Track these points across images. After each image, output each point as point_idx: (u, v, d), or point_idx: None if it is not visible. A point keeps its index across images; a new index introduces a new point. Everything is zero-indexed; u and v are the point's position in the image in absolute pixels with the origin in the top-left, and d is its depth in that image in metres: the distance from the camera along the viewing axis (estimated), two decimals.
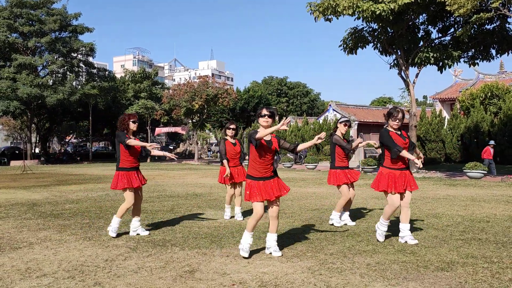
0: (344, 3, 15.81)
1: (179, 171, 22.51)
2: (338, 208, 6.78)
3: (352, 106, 42.37)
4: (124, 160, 6.10)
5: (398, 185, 5.51)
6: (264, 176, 4.99)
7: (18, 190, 12.80)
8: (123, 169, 6.07)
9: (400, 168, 5.56)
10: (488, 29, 17.37)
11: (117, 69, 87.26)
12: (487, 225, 6.74)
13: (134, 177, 6.11)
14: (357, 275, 4.27)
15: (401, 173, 5.55)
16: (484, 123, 24.84)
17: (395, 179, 5.52)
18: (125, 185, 6.01)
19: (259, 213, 4.95)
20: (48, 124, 43.28)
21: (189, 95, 33.40)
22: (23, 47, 33.36)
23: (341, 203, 6.75)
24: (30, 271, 4.50)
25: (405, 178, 5.55)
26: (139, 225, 6.27)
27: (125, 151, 6.06)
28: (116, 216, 6.10)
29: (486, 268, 4.45)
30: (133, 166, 6.15)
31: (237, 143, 7.32)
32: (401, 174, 5.55)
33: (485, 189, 12.19)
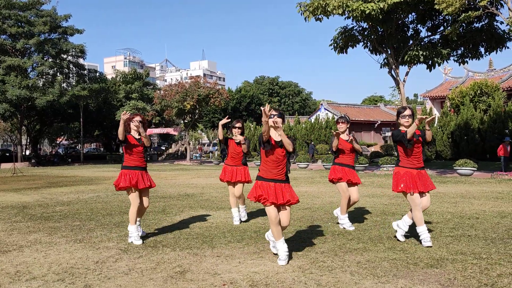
0: (334, 2, 15.87)
1: (171, 172, 22.45)
2: (342, 210, 6.48)
3: (343, 105, 42.53)
4: (127, 158, 5.95)
5: (417, 184, 5.35)
6: (275, 179, 4.78)
7: (8, 193, 12.69)
8: (126, 167, 5.91)
9: (417, 168, 5.43)
10: (477, 28, 17.53)
11: (108, 70, 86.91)
12: (477, 222, 6.80)
13: (138, 177, 5.87)
14: (347, 273, 4.30)
15: (418, 172, 5.42)
16: (474, 120, 25.03)
17: (413, 178, 5.38)
18: (126, 184, 5.80)
19: (271, 217, 4.71)
20: (39, 126, 42.96)
21: (180, 95, 33.32)
22: (12, 48, 33.09)
23: (342, 203, 6.47)
24: (19, 274, 4.47)
25: (422, 178, 5.41)
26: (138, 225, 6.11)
27: (126, 149, 5.92)
28: (130, 224, 5.89)
29: (475, 264, 4.49)
30: (137, 166, 5.92)
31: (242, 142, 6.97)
32: (418, 173, 5.42)
33: (475, 186, 12.29)
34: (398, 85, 19.03)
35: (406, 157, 5.45)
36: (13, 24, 32.94)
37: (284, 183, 4.81)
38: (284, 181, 4.81)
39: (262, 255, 5.00)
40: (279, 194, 4.73)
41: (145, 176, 6.02)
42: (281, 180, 4.79)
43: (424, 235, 5.31)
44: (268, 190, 4.73)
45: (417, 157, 5.42)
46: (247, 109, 57.73)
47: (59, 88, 33.08)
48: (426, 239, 5.29)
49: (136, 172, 5.90)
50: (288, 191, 4.79)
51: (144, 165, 6.05)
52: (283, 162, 4.79)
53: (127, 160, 5.94)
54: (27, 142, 43.26)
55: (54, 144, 56.22)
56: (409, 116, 5.44)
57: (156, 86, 49.44)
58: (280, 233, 4.75)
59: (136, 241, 5.74)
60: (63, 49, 34.33)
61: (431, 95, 35.34)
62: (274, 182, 4.76)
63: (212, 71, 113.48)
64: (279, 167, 4.78)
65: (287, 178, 4.84)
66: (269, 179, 4.78)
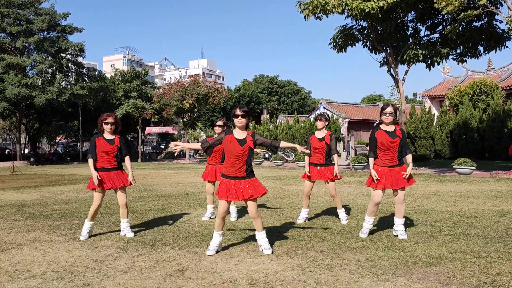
0: (334, 1, 15.85)
1: (170, 170, 22.44)
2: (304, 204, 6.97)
3: (342, 103, 42.52)
4: (98, 159, 5.95)
5: (384, 182, 5.53)
6: (236, 176, 4.95)
7: (7, 191, 12.68)
8: (95, 169, 5.93)
9: (389, 166, 5.57)
10: (476, 27, 17.52)
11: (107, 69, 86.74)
12: (476, 220, 6.81)
13: (105, 178, 5.86)
14: (346, 271, 4.30)
15: (389, 170, 5.56)
16: (473, 119, 25.05)
17: (381, 176, 5.56)
18: (90, 186, 5.89)
19: (220, 211, 5.02)
20: (37, 124, 42.89)
21: (179, 94, 33.29)
22: (11, 47, 33.00)
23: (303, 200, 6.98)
24: (18, 272, 4.47)
25: (394, 175, 5.55)
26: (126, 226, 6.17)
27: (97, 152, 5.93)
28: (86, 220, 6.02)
29: (474, 263, 4.50)
30: (103, 167, 5.91)
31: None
32: (390, 171, 5.56)
33: (474, 185, 12.30)
34: (397, 84, 19.02)
35: (379, 156, 5.65)
36: (12, 22, 32.85)
37: (246, 179, 4.97)
38: (245, 177, 4.97)
39: (261, 254, 5.00)
40: (239, 192, 4.92)
41: (116, 176, 5.97)
42: (242, 177, 4.96)
43: (364, 227, 5.83)
44: (228, 187, 4.96)
45: (390, 156, 5.57)
46: None
47: (58, 87, 33.01)
48: (363, 231, 5.81)
49: (103, 173, 5.90)
50: (249, 186, 4.95)
51: (115, 165, 5.99)
52: (243, 159, 4.94)
53: (98, 162, 5.93)
54: (26, 140, 43.21)
55: (53, 142, 56.15)
56: (389, 113, 5.55)
57: (155, 84, 49.37)
58: (218, 224, 5.05)
59: (83, 236, 5.93)
60: (62, 48, 34.25)
61: (430, 94, 35.35)
62: (234, 180, 4.96)
63: (211, 70, 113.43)
64: (240, 165, 4.94)
65: (248, 174, 4.99)
66: (230, 176, 4.98)
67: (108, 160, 5.93)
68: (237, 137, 4.96)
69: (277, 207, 8.58)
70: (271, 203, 9.26)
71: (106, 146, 5.89)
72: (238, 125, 4.98)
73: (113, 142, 5.94)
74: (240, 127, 4.99)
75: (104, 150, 5.89)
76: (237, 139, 4.94)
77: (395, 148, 5.53)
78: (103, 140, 5.92)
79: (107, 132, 5.97)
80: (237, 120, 4.96)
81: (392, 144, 5.51)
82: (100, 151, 5.90)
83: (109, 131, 5.96)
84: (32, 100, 32.41)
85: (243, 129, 5.03)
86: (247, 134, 4.99)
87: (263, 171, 20.12)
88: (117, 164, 6.03)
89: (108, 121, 5.93)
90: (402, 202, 5.62)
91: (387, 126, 5.61)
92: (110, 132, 5.98)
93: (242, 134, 4.99)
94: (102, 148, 5.89)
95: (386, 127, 5.62)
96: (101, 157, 5.93)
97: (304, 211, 7.00)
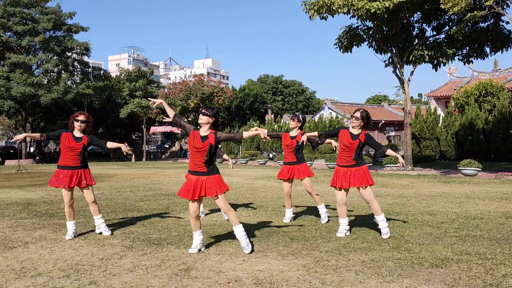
0: (339, 1, 15.82)
1: (174, 170, 22.49)
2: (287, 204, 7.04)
3: (347, 104, 42.46)
4: (61, 157, 5.96)
5: (341, 181, 5.81)
6: (197, 171, 5.06)
7: (13, 190, 12.74)
8: (58, 166, 5.96)
9: (345, 166, 5.82)
10: (482, 27, 17.44)
11: (112, 68, 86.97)
12: (481, 222, 6.78)
13: (66, 176, 5.85)
14: (352, 272, 4.30)
15: (346, 170, 5.81)
16: (479, 120, 24.94)
17: (338, 175, 5.84)
18: (52, 184, 5.89)
19: (190, 210, 5.11)
20: (43, 123, 43.09)
21: (184, 93, 33.35)
22: (17, 46, 33.16)
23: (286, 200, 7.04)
24: (25, 270, 4.49)
25: (349, 175, 5.77)
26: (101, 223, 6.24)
27: (62, 147, 5.94)
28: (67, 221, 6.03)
29: (480, 265, 4.48)
30: (67, 165, 5.90)
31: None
32: (346, 170, 5.80)
33: (479, 186, 12.25)
34: (402, 85, 18.96)
35: (339, 155, 5.95)
36: (18, 22, 33.02)
37: (206, 175, 5.05)
38: (206, 174, 5.05)
39: (267, 254, 5.00)
40: (196, 188, 5.01)
41: (79, 174, 5.96)
42: (202, 173, 5.05)
43: (342, 227, 5.94)
44: (189, 184, 5.06)
45: (347, 156, 5.80)
46: (251, 108, 57.73)
47: (64, 86, 33.14)
48: (341, 230, 5.92)
49: (67, 171, 5.88)
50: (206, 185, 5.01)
51: (78, 164, 5.96)
52: (203, 157, 5.01)
53: (61, 159, 5.94)
54: (32, 139, 43.41)
55: (58, 141, 56.38)
56: (356, 118, 5.81)
57: (160, 84, 49.46)
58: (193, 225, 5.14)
59: (68, 236, 5.92)
60: (68, 47, 34.40)
61: (436, 95, 35.23)
62: (196, 175, 5.06)
63: (216, 70, 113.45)
64: (200, 161, 5.04)
65: (211, 171, 5.06)
66: (192, 171, 5.10)
67: (72, 158, 5.90)
68: (201, 134, 5.11)
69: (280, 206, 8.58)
70: (275, 203, 9.26)
71: (72, 142, 5.88)
72: (199, 121, 5.14)
73: (80, 140, 5.92)
74: (201, 123, 5.14)
75: (69, 146, 5.87)
76: (200, 135, 5.09)
77: (352, 149, 5.76)
78: (71, 137, 5.90)
79: (77, 130, 5.95)
80: (199, 117, 5.14)
81: (350, 145, 5.76)
82: (65, 147, 5.88)
83: (79, 129, 5.94)
84: (37, 98, 32.57)
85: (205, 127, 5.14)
86: (210, 132, 5.11)
87: (267, 171, 20.13)
88: (81, 162, 5.98)
89: (79, 119, 5.93)
90: (369, 201, 5.79)
91: (354, 129, 5.84)
92: (80, 130, 5.96)
93: (205, 131, 5.12)
94: (68, 144, 5.86)
95: (352, 130, 5.85)
96: (65, 154, 5.91)
97: (288, 211, 7.07)
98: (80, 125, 5.93)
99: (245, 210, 8.27)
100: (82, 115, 6.00)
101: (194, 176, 5.08)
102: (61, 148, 5.94)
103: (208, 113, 5.11)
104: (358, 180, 5.72)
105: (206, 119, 5.10)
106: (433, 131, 26.84)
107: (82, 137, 5.96)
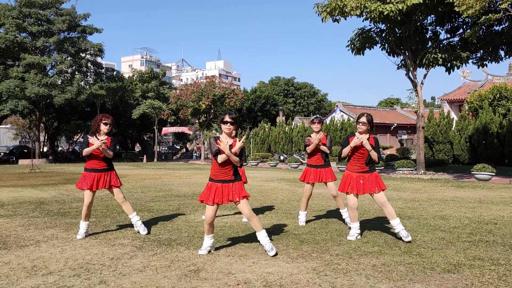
0: (352, 3, 15.75)
1: (185, 171, 22.56)
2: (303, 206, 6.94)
3: (359, 106, 42.25)
4: (87, 160, 6.07)
5: (352, 187, 5.77)
6: (223, 179, 5.02)
7: (26, 189, 12.89)
8: (85, 169, 6.07)
9: (358, 172, 5.79)
10: (497, 30, 17.23)
11: (125, 69, 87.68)
12: (495, 227, 6.68)
13: (92, 179, 5.96)
14: (362, 276, 4.25)
15: (358, 176, 5.78)
16: (493, 124, 24.63)
17: (350, 180, 5.82)
18: (78, 186, 6.01)
19: (208, 216, 5.06)
20: (56, 123, 43.55)
21: (196, 95, 33.47)
22: (32, 46, 33.59)
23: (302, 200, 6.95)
24: (36, 269, 4.53)
25: (362, 182, 5.74)
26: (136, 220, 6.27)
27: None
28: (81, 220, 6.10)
29: (493, 270, 4.41)
30: (94, 168, 6.02)
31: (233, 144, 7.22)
32: (359, 177, 5.77)
33: (493, 191, 12.09)
34: (415, 88, 18.80)
35: (350, 161, 5.88)
36: (33, 23, 33.46)
37: (233, 182, 5.06)
38: (233, 181, 5.05)
39: (276, 256, 4.98)
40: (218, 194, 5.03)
41: (105, 177, 6.08)
42: (229, 180, 5.05)
43: (353, 231, 5.88)
44: (214, 191, 5.04)
45: (360, 162, 5.77)
46: (262, 110, 57.73)
47: (77, 87, 33.50)
48: (352, 234, 5.86)
49: (92, 174, 6.00)
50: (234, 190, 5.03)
51: (105, 167, 6.08)
52: (230, 164, 5.02)
53: (87, 162, 6.06)
54: (45, 139, 43.89)
55: (71, 141, 56.92)
56: (362, 123, 5.76)
57: (172, 85, 49.73)
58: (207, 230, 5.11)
59: (80, 235, 5.98)
60: (82, 48, 34.77)
61: (449, 98, 34.89)
62: (222, 183, 5.04)
63: (228, 71, 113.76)
64: (227, 169, 5.03)
65: (235, 178, 5.09)
66: (217, 180, 5.07)
67: (98, 161, 6.02)
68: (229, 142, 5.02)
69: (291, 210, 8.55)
70: (286, 205, 9.23)
71: None
72: (226, 131, 5.02)
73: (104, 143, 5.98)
74: (227, 133, 5.04)
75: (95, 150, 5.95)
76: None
77: (365, 155, 5.73)
78: (96, 140, 5.95)
79: (103, 133, 6.03)
80: (225, 127, 5.00)
81: (363, 151, 5.72)
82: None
83: (105, 131, 6.03)
84: (51, 99, 32.94)
85: (230, 136, 5.08)
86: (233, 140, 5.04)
87: (278, 173, 20.09)
88: (107, 165, 6.10)
89: (107, 122, 6.02)
90: (384, 204, 5.73)
91: (361, 135, 5.78)
92: (105, 133, 6.06)
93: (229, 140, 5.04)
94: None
95: (360, 136, 5.77)
96: (91, 157, 6.01)
97: (303, 214, 7.00)
98: (107, 128, 6.05)
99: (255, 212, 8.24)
100: (109, 118, 6.12)
101: (218, 184, 5.04)
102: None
103: (234, 121, 5.02)
104: (371, 187, 5.70)
105: (234, 128, 5.05)
106: (446, 135, 26.58)
107: (105, 140, 6.03)
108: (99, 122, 6.04)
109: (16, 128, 48.39)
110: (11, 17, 32.85)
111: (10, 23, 32.35)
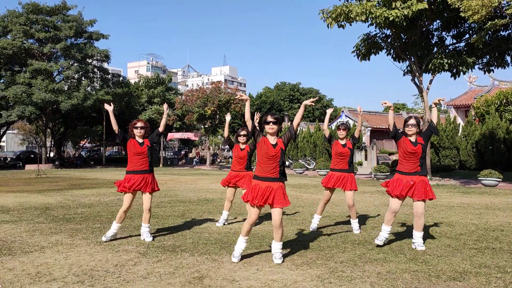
0: (357, 9, 15.77)
1: (191, 176, 22.57)
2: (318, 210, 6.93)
3: (365, 112, 42.13)
4: (128, 162, 6.22)
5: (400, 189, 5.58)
6: (269, 177, 4.95)
7: (32, 194, 12.94)
8: (126, 172, 6.19)
9: (411, 173, 5.60)
10: (503, 36, 17.18)
11: (131, 75, 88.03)
12: (501, 234, 6.62)
13: (133, 181, 6.06)
14: (367, 284, 4.22)
15: (408, 179, 5.60)
16: (500, 130, 24.48)
17: (399, 184, 5.63)
18: (119, 189, 6.10)
19: (252, 218, 4.98)
20: (63, 128, 43.75)
21: (201, 100, 33.52)
22: (39, 53, 33.83)
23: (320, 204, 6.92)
24: (40, 275, 4.53)
25: (413, 185, 5.55)
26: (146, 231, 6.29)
27: (129, 154, 6.18)
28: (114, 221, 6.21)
29: (500, 278, 4.36)
30: (134, 170, 6.13)
31: (246, 148, 7.30)
32: (409, 180, 5.59)
33: (500, 197, 11.99)
34: (421, 93, 18.74)
35: (401, 163, 5.72)
36: (40, 29, 33.71)
37: (278, 181, 4.97)
38: (278, 180, 4.97)
39: (281, 263, 4.95)
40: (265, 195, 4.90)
41: (146, 180, 6.17)
42: (275, 179, 4.96)
43: (383, 234, 5.71)
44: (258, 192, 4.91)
45: (412, 162, 5.61)
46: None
47: (84, 92, 33.65)
48: (379, 238, 5.71)
49: (133, 176, 6.11)
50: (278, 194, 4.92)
51: (147, 168, 6.19)
52: (276, 163, 4.94)
53: (128, 164, 6.21)
54: (51, 144, 44.11)
55: (77, 146, 57.19)
56: (412, 125, 5.67)
57: (178, 91, 49.86)
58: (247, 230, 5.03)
59: (106, 237, 6.08)
60: (89, 54, 34.96)
61: (455, 104, 34.74)
62: (267, 181, 4.94)
63: (233, 77, 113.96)
64: (273, 167, 4.94)
65: (281, 177, 5.00)
66: (262, 177, 4.96)
67: (141, 162, 6.15)
68: (271, 142, 5.00)
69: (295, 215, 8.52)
70: (290, 211, 9.20)
71: (138, 148, 6.13)
72: (270, 131, 5.00)
73: (143, 144, 6.19)
74: (271, 133, 5.01)
75: (136, 152, 6.13)
76: (271, 143, 4.99)
77: (417, 155, 5.57)
78: (136, 143, 6.17)
79: (138, 137, 6.22)
80: (268, 127, 4.99)
81: (413, 151, 5.57)
82: (132, 153, 6.15)
83: (139, 135, 6.22)
84: (58, 105, 33.10)
85: (274, 135, 5.04)
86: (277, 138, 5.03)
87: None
88: (149, 167, 6.23)
89: (138, 126, 6.22)
90: (420, 215, 5.59)
91: (410, 137, 5.69)
92: (140, 137, 6.24)
93: (274, 139, 5.03)
94: (134, 149, 6.13)
95: (410, 138, 5.69)
96: (133, 159, 6.16)
97: (317, 218, 6.98)
98: (140, 132, 6.21)
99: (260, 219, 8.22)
100: (140, 121, 6.32)
101: (264, 182, 4.96)
102: (129, 154, 6.21)
103: (276, 120, 4.99)
104: (421, 193, 5.53)
105: (277, 127, 5.01)
106: (452, 140, 26.45)
107: (144, 142, 6.23)
108: (132, 128, 6.25)
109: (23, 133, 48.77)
110: (19, 23, 33.11)
111: (18, 29, 32.61)
